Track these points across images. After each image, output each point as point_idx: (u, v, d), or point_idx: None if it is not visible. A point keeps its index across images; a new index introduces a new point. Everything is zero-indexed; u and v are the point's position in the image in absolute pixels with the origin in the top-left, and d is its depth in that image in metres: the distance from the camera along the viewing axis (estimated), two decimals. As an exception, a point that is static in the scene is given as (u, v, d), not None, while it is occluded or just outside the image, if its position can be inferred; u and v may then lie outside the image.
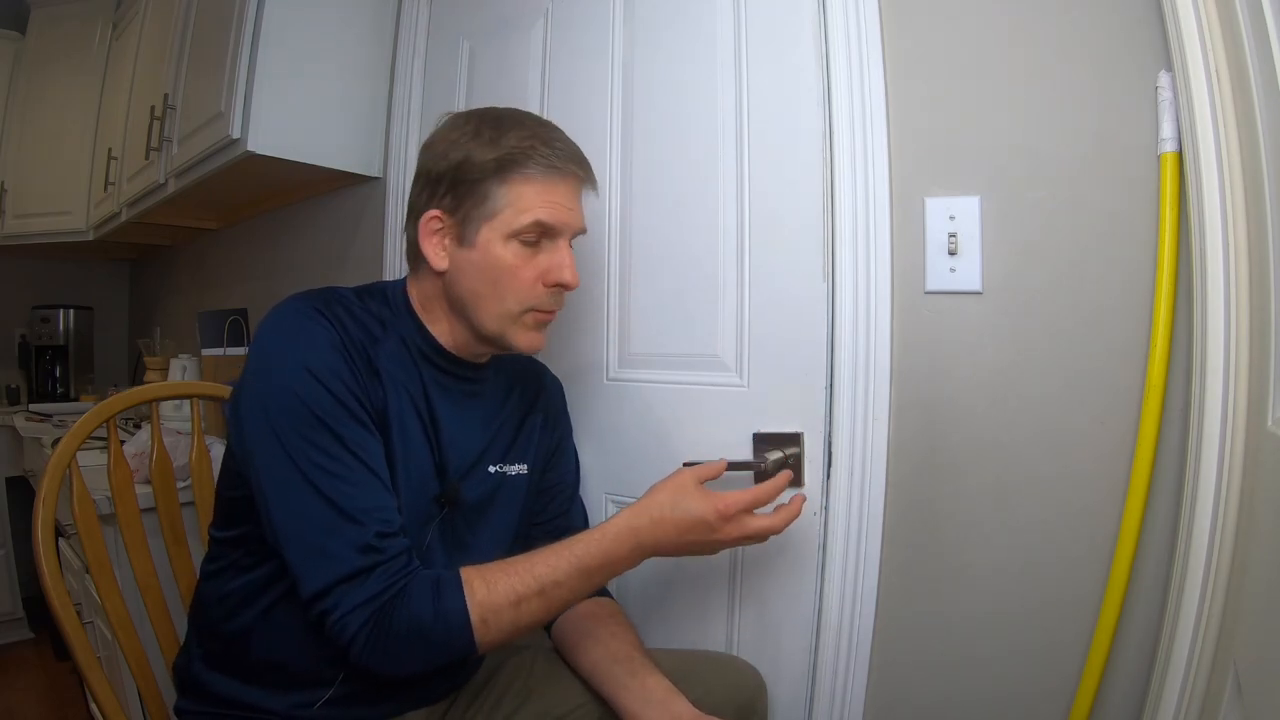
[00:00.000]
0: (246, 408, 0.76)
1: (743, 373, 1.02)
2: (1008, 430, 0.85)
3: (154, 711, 0.93)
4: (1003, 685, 0.86)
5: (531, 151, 0.80)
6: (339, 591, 0.70)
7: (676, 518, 0.76)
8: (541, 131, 0.83)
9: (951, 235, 0.88)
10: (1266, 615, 0.56)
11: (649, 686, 0.80)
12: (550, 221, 0.81)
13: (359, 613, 0.70)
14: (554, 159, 0.81)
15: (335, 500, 0.72)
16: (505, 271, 0.81)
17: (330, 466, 0.73)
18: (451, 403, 0.87)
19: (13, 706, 2.11)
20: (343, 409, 0.75)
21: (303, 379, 0.74)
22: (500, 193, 0.80)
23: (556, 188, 0.82)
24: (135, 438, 1.31)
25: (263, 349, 0.78)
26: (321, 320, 0.77)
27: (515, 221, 0.80)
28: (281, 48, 1.40)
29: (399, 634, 0.70)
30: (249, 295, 2.04)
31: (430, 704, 0.88)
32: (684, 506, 0.76)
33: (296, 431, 0.73)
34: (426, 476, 0.83)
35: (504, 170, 0.80)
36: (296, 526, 0.73)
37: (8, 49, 2.56)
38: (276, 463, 0.73)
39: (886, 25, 0.93)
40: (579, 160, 0.84)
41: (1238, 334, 0.68)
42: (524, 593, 0.72)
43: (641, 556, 0.77)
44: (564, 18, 1.23)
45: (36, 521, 0.87)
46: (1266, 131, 0.62)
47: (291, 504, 0.73)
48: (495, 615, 0.72)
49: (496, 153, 0.80)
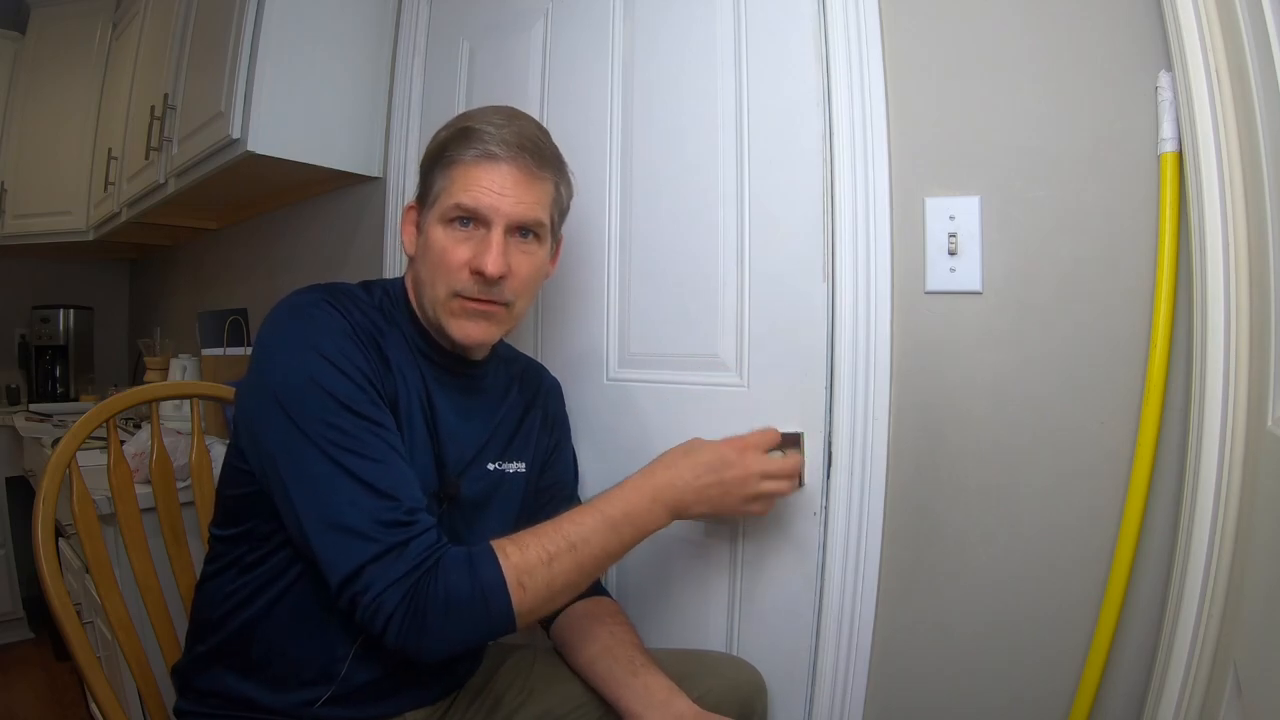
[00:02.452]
0: (258, 399, 0.76)
1: (743, 373, 1.02)
2: (1008, 430, 0.85)
3: (154, 711, 0.93)
4: (1003, 684, 0.86)
5: (459, 136, 0.82)
6: (370, 572, 0.68)
7: (691, 460, 0.80)
8: (484, 116, 0.84)
9: (951, 235, 0.88)
10: (1266, 615, 0.56)
11: (650, 686, 0.80)
12: (470, 204, 0.81)
13: (393, 591, 0.67)
14: (487, 143, 0.81)
15: (364, 478, 0.70)
16: (437, 254, 0.82)
17: (355, 447, 0.72)
18: (450, 398, 0.87)
19: (13, 706, 2.11)
20: (361, 392, 0.74)
21: (320, 365, 0.73)
22: (437, 178, 0.84)
23: (486, 173, 0.81)
24: (135, 438, 1.31)
25: (272, 341, 0.77)
26: (330, 309, 0.78)
27: (443, 205, 0.82)
28: (281, 47, 1.39)
29: (436, 610, 0.68)
30: (249, 295, 2.04)
31: (430, 704, 0.88)
32: (695, 451, 0.81)
33: (315, 415, 0.72)
34: (427, 472, 0.83)
35: (441, 156, 0.84)
36: (321, 509, 0.70)
37: (8, 49, 2.56)
38: (296, 448, 0.72)
39: (886, 25, 0.93)
40: (518, 146, 0.81)
41: (1238, 334, 0.68)
42: (554, 551, 0.73)
43: (664, 507, 0.79)
44: (564, 18, 1.23)
45: (36, 521, 0.87)
46: (1266, 131, 0.62)
47: (315, 487, 0.71)
48: (530, 576, 0.71)
49: (438, 141, 0.85)
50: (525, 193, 0.82)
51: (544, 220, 0.85)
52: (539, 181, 0.84)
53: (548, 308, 1.23)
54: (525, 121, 0.85)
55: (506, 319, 0.86)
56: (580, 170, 1.15)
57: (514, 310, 0.86)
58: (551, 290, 1.22)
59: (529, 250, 0.85)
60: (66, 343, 2.79)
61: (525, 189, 0.82)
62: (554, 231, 0.90)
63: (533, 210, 0.83)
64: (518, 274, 0.83)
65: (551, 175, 0.86)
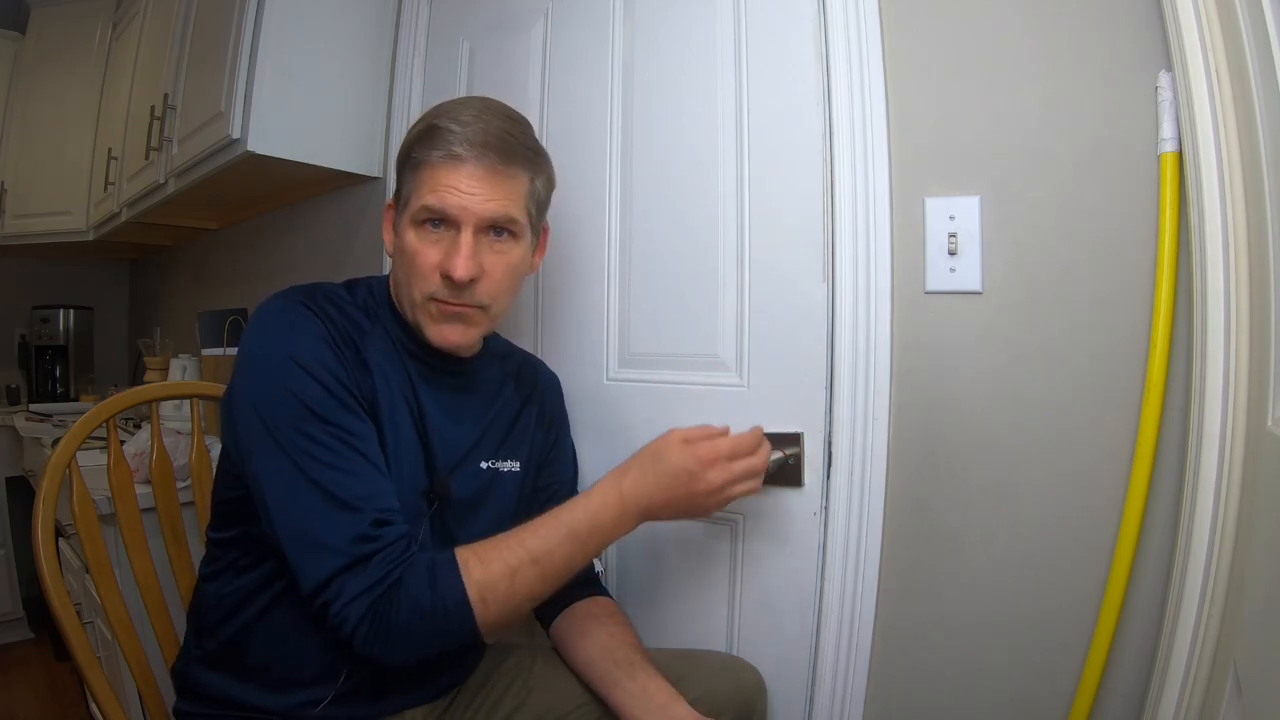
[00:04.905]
0: (237, 405, 0.76)
1: (743, 373, 1.02)
2: (1008, 430, 0.85)
3: (154, 711, 0.93)
4: (1003, 684, 0.86)
5: (425, 135, 0.81)
6: (339, 583, 0.70)
7: (658, 470, 0.77)
8: (451, 113, 0.81)
9: (951, 235, 0.88)
10: (1266, 615, 0.56)
11: (649, 690, 0.79)
12: (437, 206, 0.79)
13: (359, 603, 0.69)
14: (451, 143, 0.79)
15: (330, 489, 0.71)
16: (409, 257, 0.82)
17: (323, 456, 0.72)
18: (439, 396, 0.87)
19: (13, 706, 2.11)
20: (333, 399, 0.74)
21: (292, 371, 0.73)
22: (408, 179, 0.83)
23: (453, 172, 0.79)
24: (135, 438, 1.31)
25: (250, 346, 0.78)
26: (307, 313, 0.77)
27: (413, 207, 0.81)
28: (281, 47, 1.39)
29: (399, 620, 0.70)
30: (249, 295, 2.04)
31: (430, 702, 0.88)
32: (664, 459, 0.77)
33: (288, 424, 0.73)
34: (416, 471, 0.83)
35: (410, 156, 0.83)
36: (293, 520, 0.72)
37: (8, 49, 2.56)
38: (270, 457, 0.73)
39: (886, 25, 0.93)
40: (482, 144, 0.79)
41: (1238, 334, 0.68)
42: (517, 564, 0.72)
43: (632, 518, 0.77)
44: (564, 17, 1.23)
45: (36, 521, 0.87)
46: (1266, 131, 0.62)
47: (287, 498, 0.72)
48: (492, 591, 0.71)
49: (407, 140, 0.83)
50: (494, 190, 0.80)
51: (517, 217, 0.82)
52: (508, 179, 0.81)
53: (548, 308, 1.23)
54: (494, 116, 0.82)
55: (483, 321, 0.85)
56: (580, 170, 1.16)
57: (490, 312, 0.85)
58: (551, 290, 1.22)
59: (503, 249, 0.83)
60: (66, 343, 2.79)
61: (493, 187, 0.80)
62: (534, 226, 0.87)
63: (504, 208, 0.81)
64: (491, 275, 0.82)
65: (523, 170, 0.83)
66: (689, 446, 0.77)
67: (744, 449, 0.79)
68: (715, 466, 0.77)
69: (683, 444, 0.78)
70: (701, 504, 0.79)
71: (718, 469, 0.77)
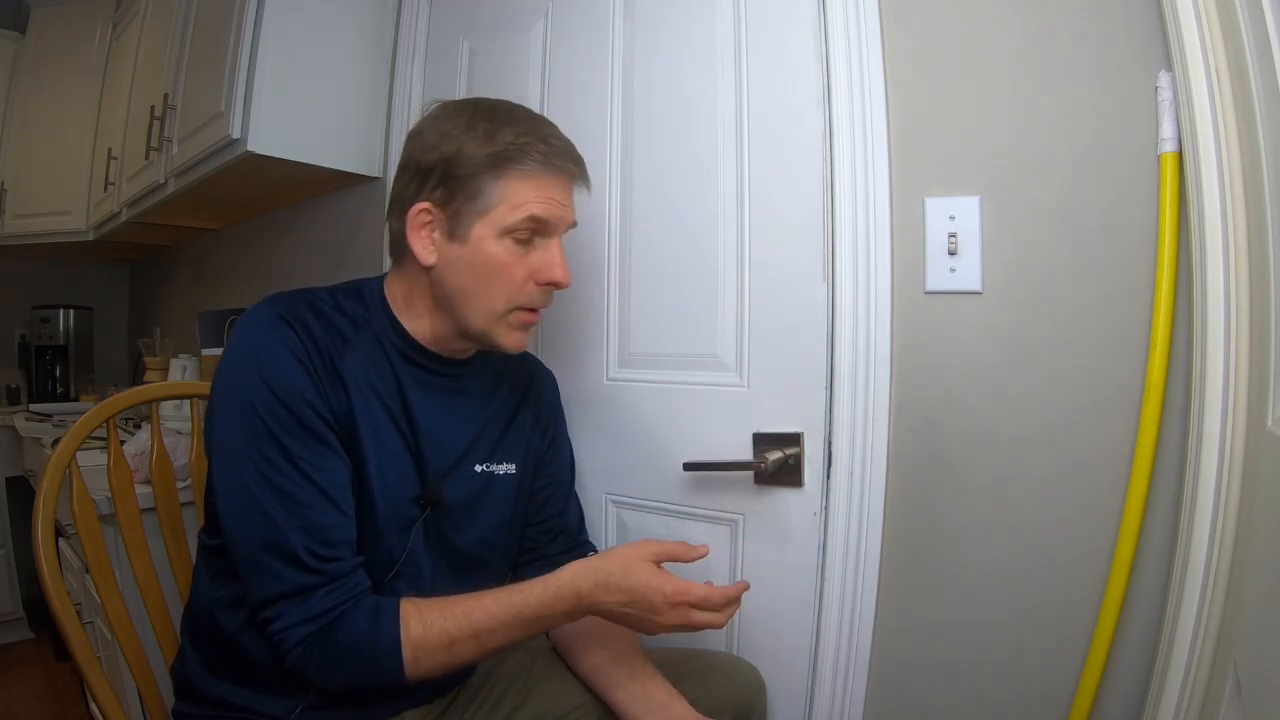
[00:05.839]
0: (209, 415, 0.77)
1: (743, 373, 1.02)
2: (1008, 430, 0.85)
3: (154, 711, 0.93)
4: (1003, 684, 0.86)
5: (528, 147, 0.79)
6: (279, 607, 0.72)
7: (625, 586, 0.73)
8: (538, 128, 0.82)
9: (951, 235, 0.88)
10: (1266, 615, 0.56)
11: (649, 691, 0.79)
12: (545, 216, 0.80)
13: (299, 630, 0.72)
14: (550, 155, 0.80)
15: (275, 517, 0.72)
16: (497, 268, 0.80)
17: (277, 481, 0.73)
18: (432, 400, 0.85)
19: (13, 706, 2.11)
20: (296, 422, 0.74)
21: (259, 389, 0.74)
22: (495, 188, 0.79)
23: (551, 184, 0.81)
24: (135, 438, 1.31)
25: (227, 358, 0.77)
26: (284, 327, 0.76)
27: (509, 217, 0.79)
28: (281, 47, 1.39)
29: (330, 660, 0.72)
30: (249, 295, 2.04)
31: (428, 702, 0.88)
32: (635, 578, 0.73)
33: (250, 442, 0.73)
34: (406, 478, 0.82)
35: (499, 165, 0.78)
36: (241, 537, 0.74)
37: (8, 49, 2.56)
38: (228, 471, 0.74)
39: (886, 25, 0.93)
40: (573, 157, 0.83)
41: (1238, 334, 0.68)
42: (457, 636, 0.72)
43: (581, 613, 0.76)
44: (564, 18, 1.23)
45: (36, 521, 0.87)
46: (1266, 131, 0.62)
47: (238, 514, 0.74)
48: (427, 655, 0.72)
49: (492, 147, 0.78)
50: (572, 200, 0.85)
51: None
52: (577, 187, 0.87)
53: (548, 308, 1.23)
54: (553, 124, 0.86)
55: None
56: (580, 170, 1.16)
57: None
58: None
59: None
60: (66, 343, 2.78)
61: (572, 196, 0.85)
62: None
63: (575, 216, 0.86)
64: None
65: None
66: (659, 577, 0.73)
67: (712, 603, 0.74)
68: (677, 609, 0.73)
69: (654, 571, 0.74)
70: (647, 628, 0.75)
71: (678, 611, 0.73)
